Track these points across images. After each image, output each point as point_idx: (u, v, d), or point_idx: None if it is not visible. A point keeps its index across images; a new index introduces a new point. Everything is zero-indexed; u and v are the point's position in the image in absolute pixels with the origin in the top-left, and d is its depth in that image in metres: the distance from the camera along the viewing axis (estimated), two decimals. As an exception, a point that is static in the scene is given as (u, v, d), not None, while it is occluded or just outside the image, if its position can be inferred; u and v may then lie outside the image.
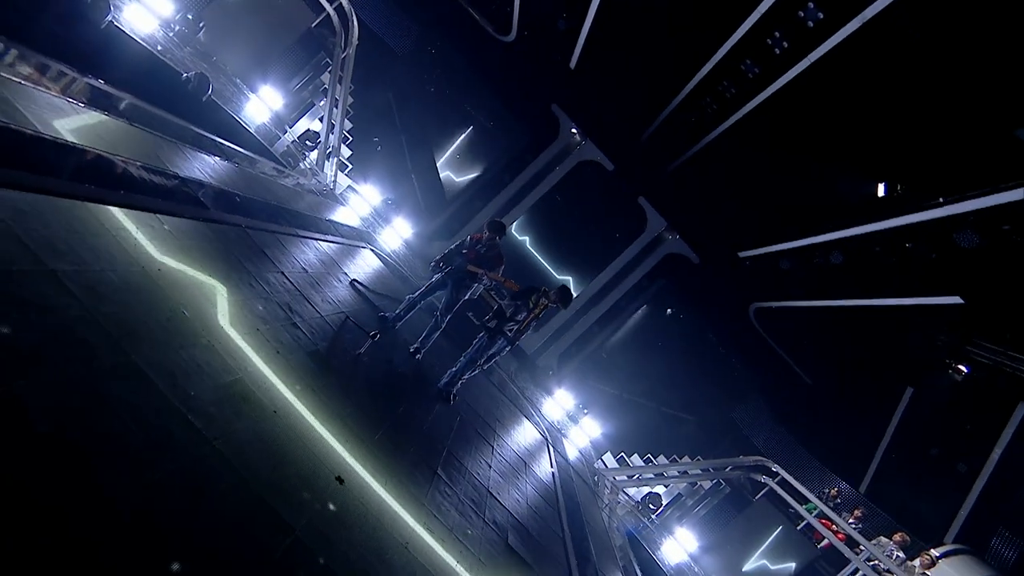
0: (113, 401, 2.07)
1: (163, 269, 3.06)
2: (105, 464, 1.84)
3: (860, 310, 11.96)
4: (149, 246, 3.12)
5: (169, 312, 2.83)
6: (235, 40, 10.54)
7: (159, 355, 2.50)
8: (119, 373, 2.21)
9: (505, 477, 5.59)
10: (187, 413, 2.36)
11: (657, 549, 9.80)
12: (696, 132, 12.81)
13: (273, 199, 6.47)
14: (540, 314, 5.91)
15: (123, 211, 3.15)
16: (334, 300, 5.40)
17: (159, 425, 2.18)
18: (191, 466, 2.16)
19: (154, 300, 2.78)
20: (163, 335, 2.63)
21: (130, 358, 2.33)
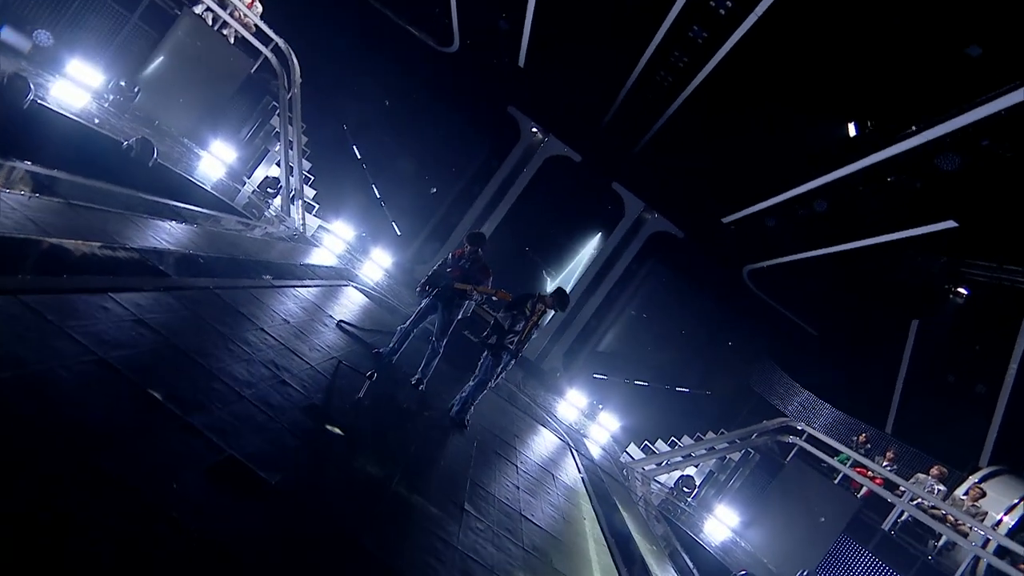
0: (90, 511, 1.78)
1: (124, 353, 2.76)
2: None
3: (853, 253, 11.89)
4: (105, 331, 2.82)
5: (136, 401, 2.53)
6: (175, 99, 10.20)
7: (129, 456, 2.20)
8: (78, 484, 1.92)
9: (535, 494, 5.31)
10: (172, 511, 2.07)
11: (699, 531, 9.55)
12: (656, 107, 12.72)
13: (241, 254, 6.17)
14: (539, 320, 5.68)
15: (67, 296, 2.85)
16: (323, 346, 5.11)
17: (142, 529, 1.89)
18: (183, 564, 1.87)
19: (117, 392, 2.49)
20: (129, 433, 2.33)
21: (99, 465, 2.04)
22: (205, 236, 5.87)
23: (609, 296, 14.83)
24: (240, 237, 7.04)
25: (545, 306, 5.66)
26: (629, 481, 9.62)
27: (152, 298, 3.53)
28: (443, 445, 4.89)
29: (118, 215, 4.43)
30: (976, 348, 12.54)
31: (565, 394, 12.85)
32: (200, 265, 4.80)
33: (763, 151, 10.53)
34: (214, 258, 5.29)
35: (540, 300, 5.68)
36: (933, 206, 8.10)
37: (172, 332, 3.28)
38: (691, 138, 12.62)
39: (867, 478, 11.22)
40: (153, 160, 6.72)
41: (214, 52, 10.50)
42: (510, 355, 5.66)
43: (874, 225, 9.90)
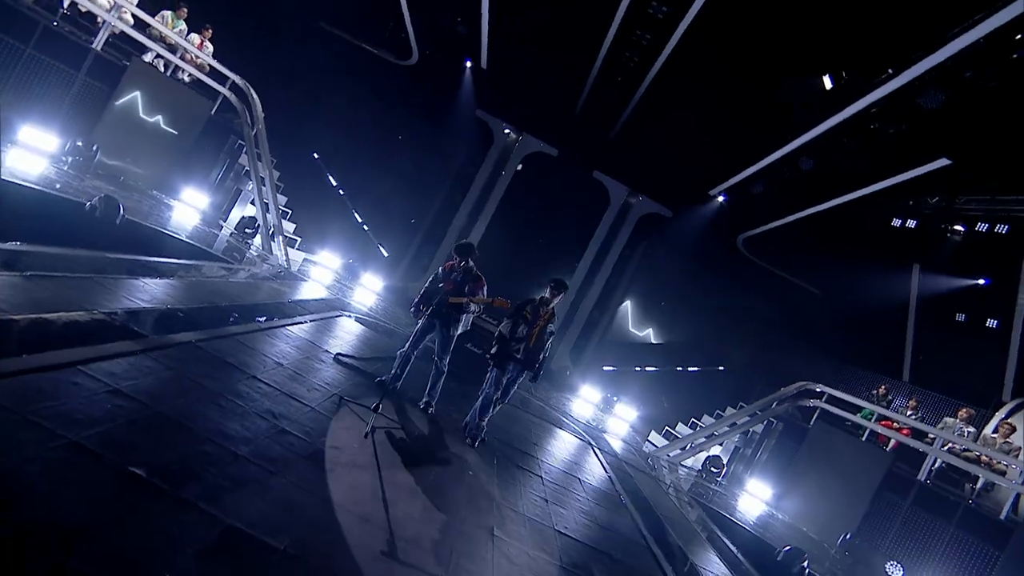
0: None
1: (99, 431, 2.51)
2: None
3: (845, 207, 11.75)
4: (76, 410, 2.57)
5: (117, 484, 2.28)
6: (138, 152, 9.93)
7: (111, 551, 1.95)
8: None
9: (565, 504, 5.07)
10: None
11: (734, 510, 9.34)
12: (625, 90, 12.56)
13: (224, 300, 5.91)
14: (547, 323, 5.42)
15: (28, 378, 2.60)
16: (322, 384, 4.86)
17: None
18: None
19: (93, 477, 2.24)
20: (110, 523, 2.08)
21: (76, 569, 1.79)
22: (184, 288, 5.61)
23: (607, 285, 14.64)
24: (223, 283, 6.78)
25: (548, 307, 5.42)
26: (656, 470, 9.39)
27: (128, 364, 3.27)
28: (462, 468, 4.65)
29: (84, 280, 4.17)
30: (983, 284, 12.42)
31: (578, 391, 12.63)
32: (180, 319, 4.54)
33: (740, 118, 10.38)
34: (195, 309, 5.03)
35: (541, 302, 5.45)
36: (923, 147, 7.95)
37: (153, 398, 3.03)
38: (665, 115, 12.47)
39: (894, 430, 11.07)
40: (120, 217, 6.45)
41: (171, 99, 10.23)
42: (518, 365, 5.42)
43: (864, 175, 9.75)
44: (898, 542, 9.43)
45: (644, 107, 12.54)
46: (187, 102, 10.67)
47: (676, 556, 5.19)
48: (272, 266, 9.90)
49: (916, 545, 9.22)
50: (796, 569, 6.93)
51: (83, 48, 8.44)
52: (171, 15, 9.82)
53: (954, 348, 13.00)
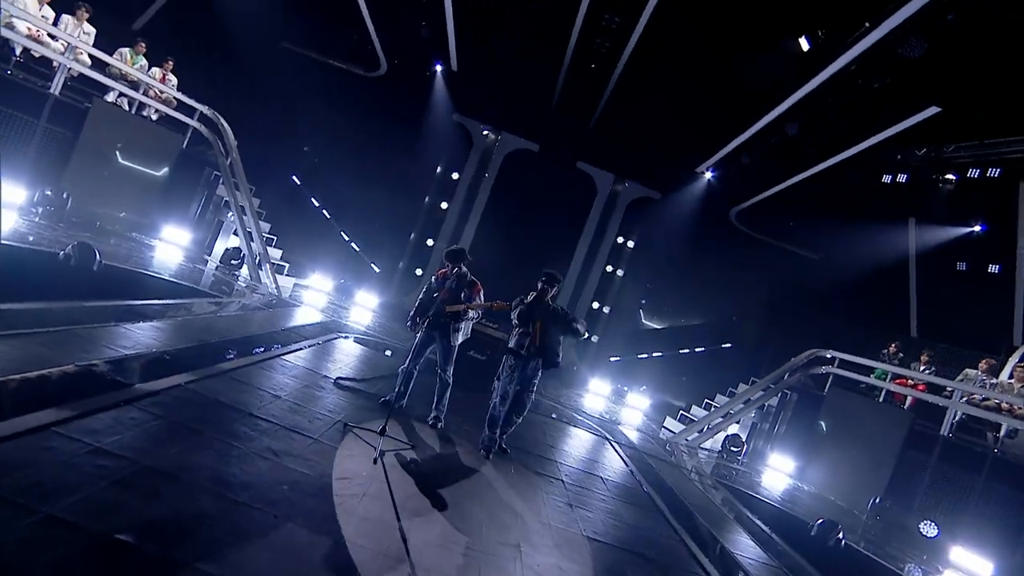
0: None
1: (78, 498, 2.30)
2: None
3: (835, 168, 11.62)
4: (51, 477, 2.36)
5: (101, 557, 2.07)
6: (111, 195, 9.68)
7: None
8: None
9: (590, 507, 4.87)
10: None
11: (759, 487, 9.17)
12: (600, 76, 12.40)
13: (215, 336, 5.68)
14: (549, 314, 5.18)
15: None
16: (324, 412, 4.65)
17: None
18: None
19: (72, 553, 2.03)
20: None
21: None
22: (171, 329, 5.38)
23: (604, 276, 14.46)
24: (212, 319, 6.55)
25: (543, 296, 5.20)
26: (675, 456, 9.21)
27: (111, 418, 3.05)
28: (480, 482, 4.45)
29: (60, 333, 3.95)
30: (980, 229, 12.31)
31: (587, 385, 12.44)
32: (167, 362, 4.32)
33: (719, 91, 10.23)
34: (183, 350, 4.80)
35: (534, 301, 5.23)
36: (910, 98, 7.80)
37: (139, 451, 2.81)
38: (643, 98, 12.32)
39: (910, 388, 10.94)
40: (97, 264, 6.22)
41: (139, 137, 9.99)
42: (521, 360, 5.17)
43: (852, 134, 9.61)
44: (929, 500, 9.28)
45: (620, 92, 12.39)
46: (156, 138, 10.42)
47: (709, 545, 5.01)
48: (263, 295, 9.67)
49: (948, 501, 9.07)
50: (832, 542, 6.77)
51: (41, 94, 8.19)
52: (129, 51, 9.58)
53: (959, 298, 12.89)
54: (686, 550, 4.68)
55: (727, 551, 5.02)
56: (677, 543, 4.77)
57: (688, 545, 4.80)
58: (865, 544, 7.38)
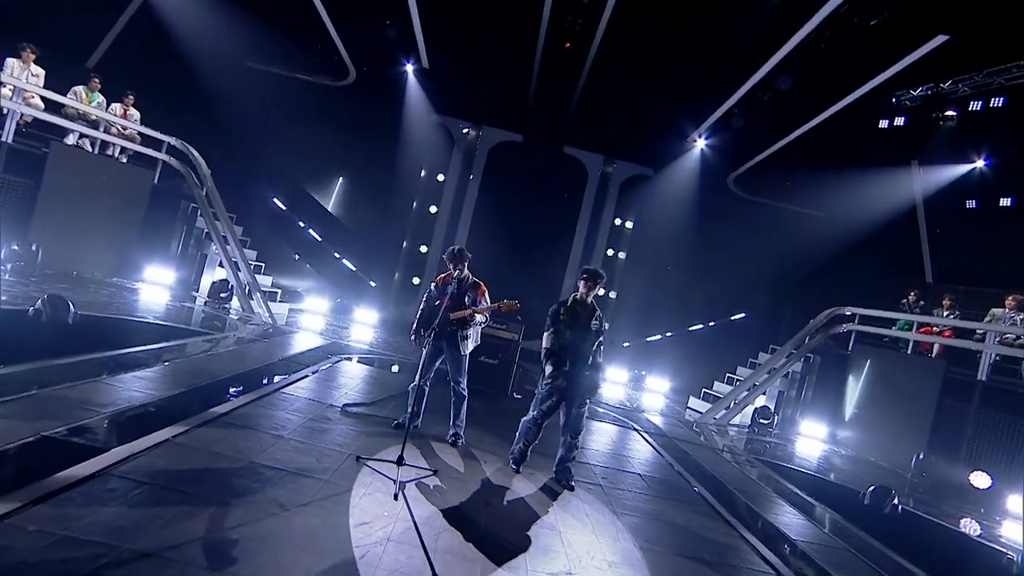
0: None
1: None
2: None
3: (828, 121, 11.19)
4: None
5: None
6: (85, 242, 9.23)
7: None
8: None
9: (636, 511, 4.47)
10: None
11: (795, 457, 8.80)
12: (577, 56, 11.94)
13: (206, 378, 5.26)
14: (592, 320, 4.51)
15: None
16: (333, 446, 4.23)
17: None
18: None
19: None
20: None
21: None
22: (157, 376, 4.96)
23: (606, 261, 14.05)
24: (203, 359, 6.13)
25: (586, 304, 4.54)
26: (707, 438, 8.82)
27: (83, 495, 2.63)
28: (514, 502, 4.03)
29: (25, 400, 3.51)
30: (986, 165, 11.91)
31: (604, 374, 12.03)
32: (151, 416, 3.89)
33: (705, 52, 9.78)
34: (170, 399, 4.38)
35: (576, 302, 4.56)
36: (911, 30, 7.37)
37: (117, 533, 2.39)
38: (624, 71, 11.87)
39: (936, 335, 10.56)
40: (72, 316, 5.78)
41: (106, 177, 9.52)
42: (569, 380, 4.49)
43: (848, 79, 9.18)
44: (975, 449, 8.90)
45: (599, 69, 11.93)
46: (125, 177, 9.96)
47: (764, 533, 4.62)
48: (257, 326, 9.24)
49: (995, 447, 8.69)
50: (888, 508, 6.38)
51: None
52: (83, 89, 9.10)
53: (972, 236, 12.51)
54: (745, 543, 4.28)
55: (786, 537, 4.63)
56: (734, 538, 4.37)
57: (745, 537, 4.39)
58: (918, 505, 7.01)
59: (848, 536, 5.05)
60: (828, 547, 4.64)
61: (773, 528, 4.82)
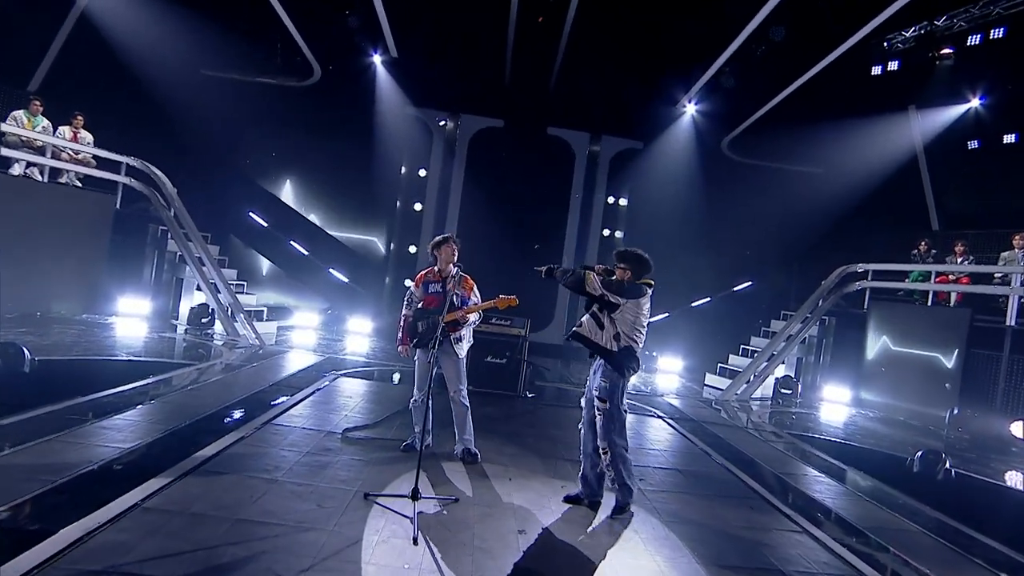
0: None
1: None
2: None
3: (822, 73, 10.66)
4: None
5: None
6: (46, 280, 8.53)
7: None
8: None
9: (688, 520, 3.97)
10: None
11: (823, 425, 8.38)
12: (552, 29, 11.29)
13: (187, 417, 4.68)
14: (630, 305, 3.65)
15: None
16: (336, 484, 3.67)
17: None
18: None
19: None
20: None
21: None
22: (127, 424, 4.37)
23: (603, 241, 13.51)
24: (185, 394, 5.54)
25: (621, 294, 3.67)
26: (731, 415, 8.37)
27: None
28: (555, 526, 3.50)
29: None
30: (985, 103, 11.47)
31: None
32: (116, 477, 3.31)
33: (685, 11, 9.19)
34: (140, 450, 3.80)
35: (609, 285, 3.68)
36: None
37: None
38: (603, 40, 11.23)
39: (954, 283, 10.16)
40: (28, 363, 5.15)
41: (61, 206, 8.81)
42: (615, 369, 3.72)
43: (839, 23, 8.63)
44: (1011, 398, 8.52)
45: (577, 41, 11.28)
46: (84, 204, 9.25)
47: (838, 527, 4.15)
48: (244, 349, 8.63)
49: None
50: (940, 474, 5.95)
51: (-71, 184, 7.02)
52: (24, 114, 8.34)
53: (975, 177, 12.09)
54: (813, 541, 3.79)
55: (855, 528, 4.14)
56: (799, 535, 3.87)
57: (812, 534, 3.90)
58: (962, 463, 6.58)
59: (917, 516, 4.58)
60: (900, 530, 4.17)
61: (837, 518, 4.34)
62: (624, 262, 3.79)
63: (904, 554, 3.68)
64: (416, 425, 4.43)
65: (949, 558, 3.78)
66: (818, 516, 4.29)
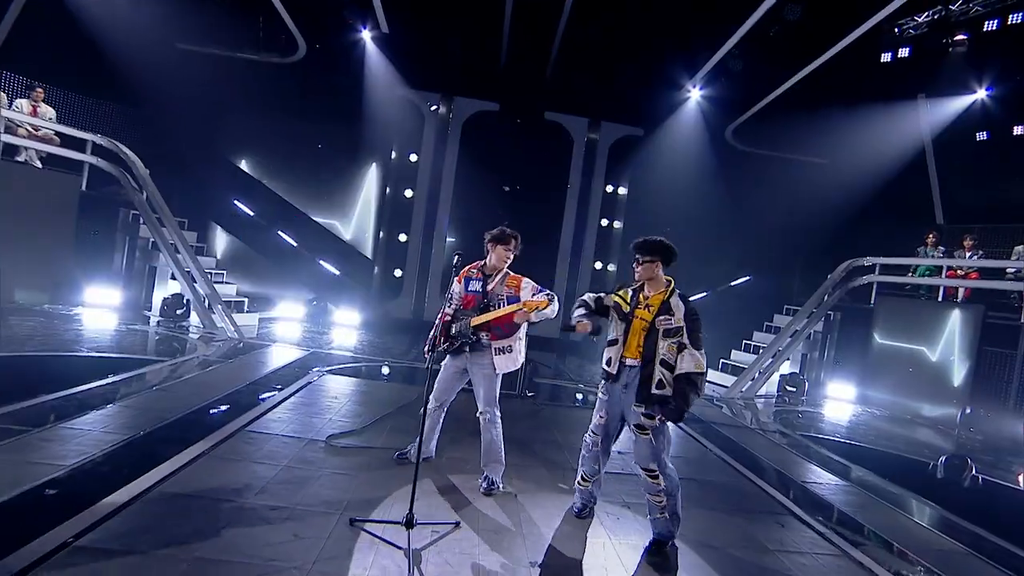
0: None
1: None
2: None
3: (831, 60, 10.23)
4: None
5: None
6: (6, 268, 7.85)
7: None
8: None
9: (713, 540, 3.54)
10: None
11: (834, 425, 8.05)
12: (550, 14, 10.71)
13: (149, 424, 4.14)
14: (661, 313, 3.14)
15: None
16: (318, 505, 3.16)
17: None
18: None
19: None
20: None
21: None
22: (75, 432, 3.81)
23: (601, 232, 13.05)
24: (146, 398, 4.97)
25: (642, 289, 3.26)
26: (736, 414, 8.00)
27: None
28: (571, 556, 3.04)
29: None
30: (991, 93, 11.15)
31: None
32: (48, 503, 2.77)
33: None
34: (82, 472, 3.25)
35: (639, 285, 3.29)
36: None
37: None
38: (605, 20, 10.68)
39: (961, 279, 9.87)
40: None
41: (19, 189, 8.11)
42: (608, 383, 3.29)
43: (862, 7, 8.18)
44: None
45: (576, 22, 10.71)
46: (46, 185, 8.55)
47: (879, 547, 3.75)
48: (223, 342, 8.04)
49: (1050, 394, 8.06)
50: (967, 480, 5.61)
51: None
52: (-26, 84, 7.61)
53: (982, 169, 11.79)
54: (856, 566, 3.38)
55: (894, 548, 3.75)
56: (839, 559, 3.46)
57: (853, 557, 3.50)
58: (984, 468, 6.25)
59: (957, 531, 4.21)
60: (948, 553, 3.79)
61: (873, 535, 3.95)
62: (651, 254, 3.21)
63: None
64: (421, 435, 3.82)
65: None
66: (853, 534, 3.89)
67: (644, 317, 3.14)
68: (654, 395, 3.03)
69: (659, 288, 3.20)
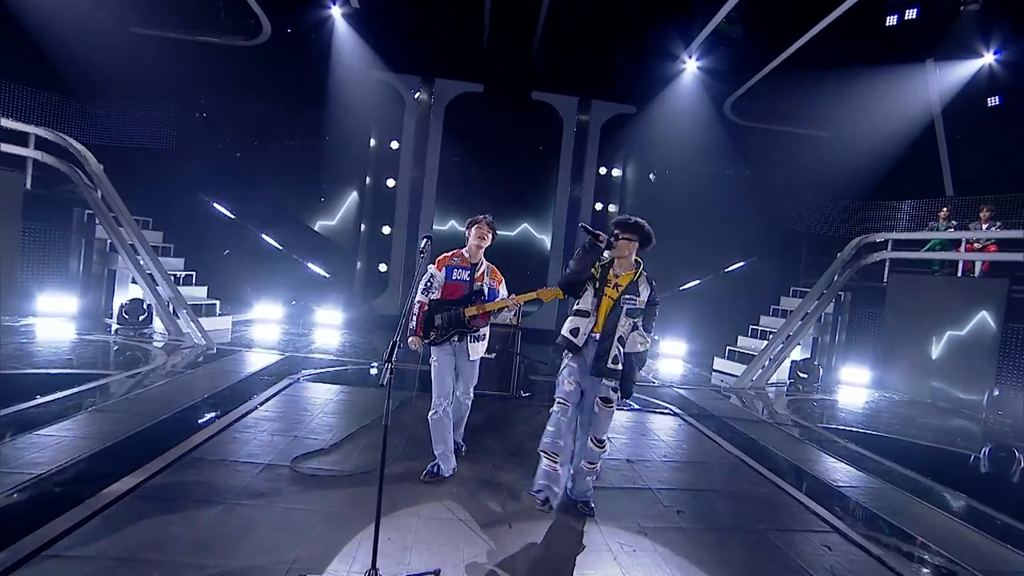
0: None
1: None
2: None
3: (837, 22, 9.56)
4: None
5: None
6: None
7: None
8: None
9: (740, 553, 2.91)
10: None
11: (847, 411, 7.50)
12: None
13: (88, 447, 3.46)
14: (628, 289, 3.25)
15: None
16: (259, 560, 2.51)
17: None
18: None
19: None
20: None
21: None
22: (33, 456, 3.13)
23: (595, 217, 12.39)
24: (86, 419, 4.29)
25: (613, 266, 3.28)
26: (748, 405, 7.42)
27: None
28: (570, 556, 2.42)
29: None
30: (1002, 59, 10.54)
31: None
32: None
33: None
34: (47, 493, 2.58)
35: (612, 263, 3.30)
36: None
37: None
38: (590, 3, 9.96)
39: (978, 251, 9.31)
40: None
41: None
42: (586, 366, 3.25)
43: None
44: (1055, 376, 7.74)
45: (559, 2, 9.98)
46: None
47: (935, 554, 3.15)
48: (189, 349, 7.35)
49: (1083, 372, 7.52)
50: (1017, 475, 5.05)
51: None
52: None
53: (994, 136, 11.21)
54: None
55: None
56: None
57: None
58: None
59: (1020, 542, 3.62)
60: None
61: (940, 554, 3.35)
62: (631, 232, 3.26)
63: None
64: (438, 445, 3.58)
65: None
66: (915, 554, 3.28)
67: (611, 295, 3.20)
68: (608, 369, 3.14)
69: (628, 269, 3.26)
